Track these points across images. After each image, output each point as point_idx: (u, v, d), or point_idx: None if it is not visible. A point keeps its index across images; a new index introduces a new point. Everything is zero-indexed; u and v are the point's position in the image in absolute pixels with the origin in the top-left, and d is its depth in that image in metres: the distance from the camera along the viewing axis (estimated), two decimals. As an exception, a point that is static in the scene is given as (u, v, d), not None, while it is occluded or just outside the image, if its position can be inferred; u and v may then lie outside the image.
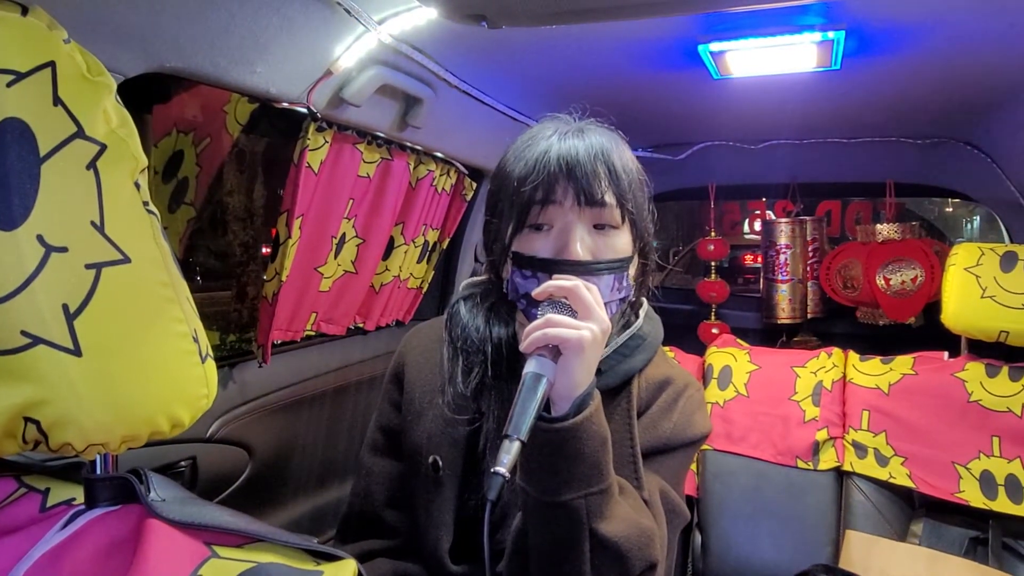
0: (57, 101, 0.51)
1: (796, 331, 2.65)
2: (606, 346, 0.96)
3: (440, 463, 0.99)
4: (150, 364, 0.55)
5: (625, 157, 0.93)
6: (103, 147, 0.53)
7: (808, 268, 2.57)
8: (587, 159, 0.89)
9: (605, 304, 0.87)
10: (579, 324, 0.80)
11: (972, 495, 1.48)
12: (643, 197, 0.96)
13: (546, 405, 0.81)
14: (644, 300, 1.08)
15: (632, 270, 0.96)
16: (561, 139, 0.91)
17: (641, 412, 0.98)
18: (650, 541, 0.84)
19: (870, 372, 1.72)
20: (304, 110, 1.23)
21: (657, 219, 1.01)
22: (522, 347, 0.81)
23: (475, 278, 1.08)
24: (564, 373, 0.79)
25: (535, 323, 0.81)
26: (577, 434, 0.79)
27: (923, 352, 1.72)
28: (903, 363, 1.71)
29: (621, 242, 0.91)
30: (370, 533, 1.06)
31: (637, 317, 1.04)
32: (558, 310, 0.82)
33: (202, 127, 1.57)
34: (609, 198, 0.89)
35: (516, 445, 0.74)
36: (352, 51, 1.19)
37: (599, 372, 0.95)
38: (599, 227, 0.90)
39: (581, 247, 0.88)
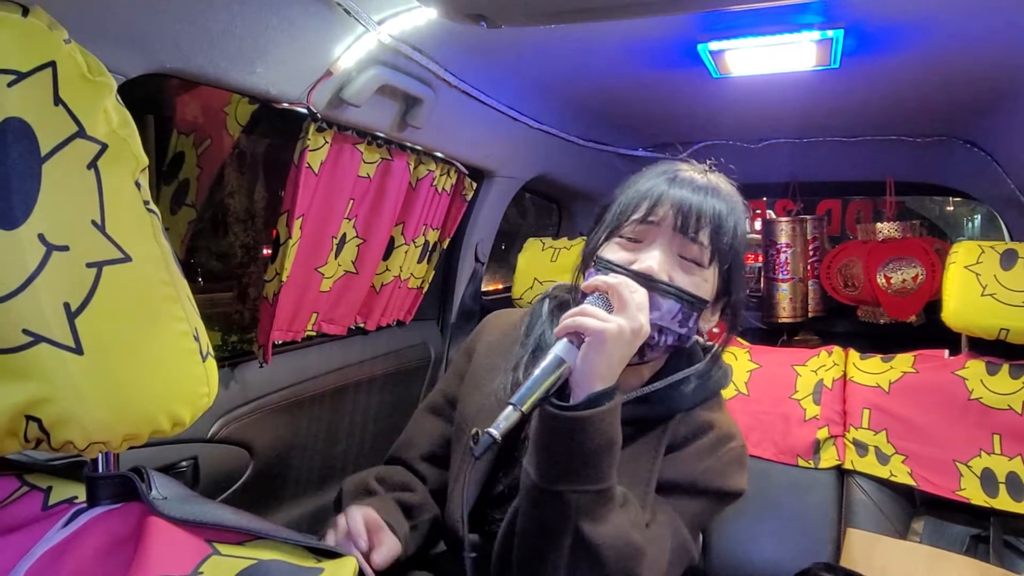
0: (58, 101, 0.51)
1: (797, 330, 2.64)
2: (658, 378, 1.00)
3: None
4: (151, 362, 0.55)
5: (736, 220, 0.97)
6: (104, 146, 0.53)
7: (809, 267, 2.56)
8: (701, 195, 0.93)
9: (659, 328, 0.92)
10: (608, 317, 0.82)
11: (973, 493, 1.47)
12: (739, 263, 0.99)
13: (565, 392, 0.83)
14: (717, 345, 1.09)
15: (710, 320, 1.00)
16: (686, 172, 0.97)
17: (676, 447, 0.98)
18: (634, 557, 0.84)
19: (871, 370, 1.72)
20: (304, 110, 1.23)
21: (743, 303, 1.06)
22: (556, 331, 0.85)
23: (564, 283, 1.12)
24: (584, 361, 0.82)
25: (572, 310, 0.85)
26: (580, 426, 0.80)
27: (923, 350, 1.72)
28: (903, 361, 1.70)
29: (701, 282, 0.94)
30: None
31: (703, 359, 1.05)
32: (598, 303, 0.85)
33: (202, 128, 1.58)
34: (703, 237, 0.93)
35: (515, 414, 0.78)
36: (352, 51, 1.19)
37: (645, 401, 0.98)
38: (684, 259, 0.93)
39: (658, 265, 0.91)
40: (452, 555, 1.05)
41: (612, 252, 0.95)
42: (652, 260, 0.91)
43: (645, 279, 0.90)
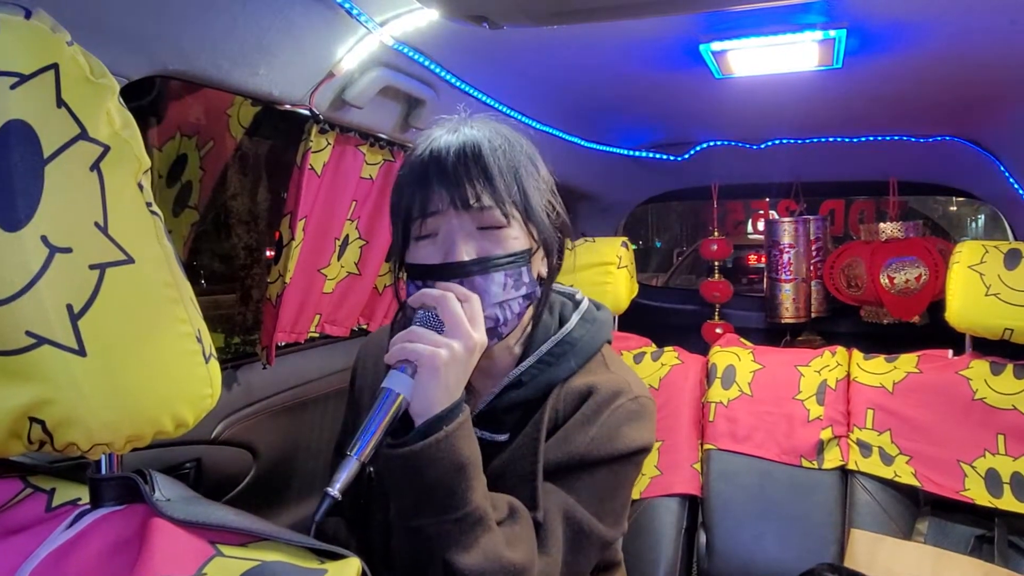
0: (60, 103, 0.51)
1: (800, 330, 2.64)
2: (527, 356, 0.93)
3: (373, 474, 0.95)
4: (154, 364, 0.55)
5: (502, 149, 0.88)
6: (106, 148, 0.53)
7: (812, 267, 2.56)
8: (457, 160, 0.85)
9: (504, 303, 0.86)
10: (439, 340, 0.77)
11: (977, 493, 1.47)
12: (535, 187, 0.91)
13: (407, 423, 0.78)
14: (585, 300, 1.03)
15: (541, 266, 0.93)
16: (437, 140, 0.88)
17: (559, 426, 0.91)
18: None
19: (874, 371, 1.72)
20: (306, 112, 1.23)
21: (564, 208, 0.96)
22: (386, 358, 0.79)
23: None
24: (419, 390, 0.77)
25: (399, 334, 0.79)
26: (419, 460, 0.75)
27: (927, 350, 1.72)
28: (907, 361, 1.70)
29: (511, 239, 0.87)
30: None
31: (569, 319, 0.97)
32: (428, 322, 0.80)
33: (205, 130, 1.58)
34: (486, 200, 0.85)
35: (354, 465, 0.73)
36: (354, 53, 1.19)
37: (519, 384, 0.92)
38: (484, 228, 0.87)
39: (465, 251, 0.85)
40: None
41: (418, 253, 0.88)
42: (458, 249, 0.85)
43: (460, 268, 0.84)
